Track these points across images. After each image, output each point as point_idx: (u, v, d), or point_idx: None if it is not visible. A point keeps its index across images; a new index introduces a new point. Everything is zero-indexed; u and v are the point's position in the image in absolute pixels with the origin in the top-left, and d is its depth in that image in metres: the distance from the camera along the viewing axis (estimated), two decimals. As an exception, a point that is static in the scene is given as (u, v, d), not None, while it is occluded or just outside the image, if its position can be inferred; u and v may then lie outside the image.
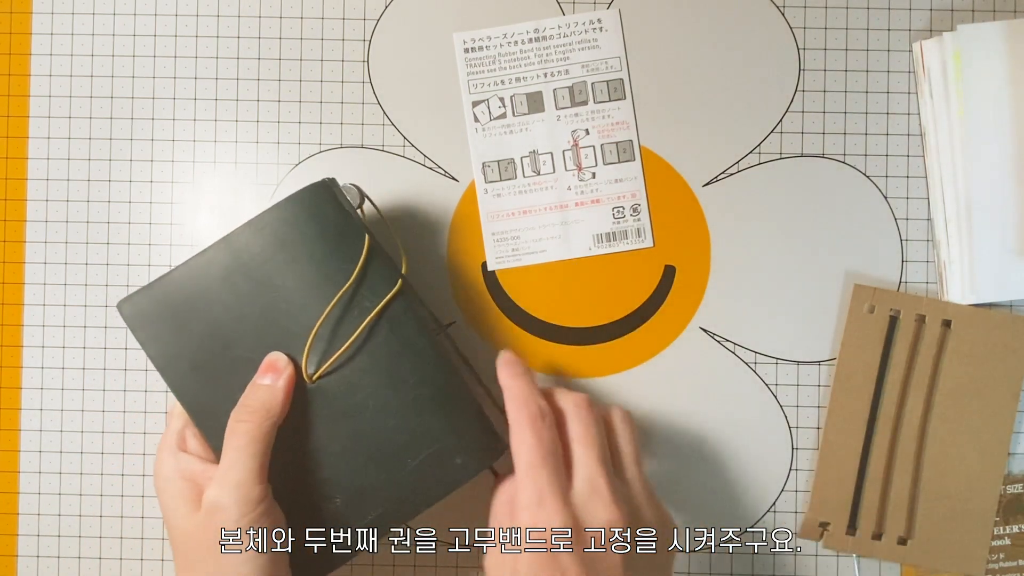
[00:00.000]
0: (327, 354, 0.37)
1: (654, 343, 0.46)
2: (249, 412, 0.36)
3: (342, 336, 0.37)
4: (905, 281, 0.46)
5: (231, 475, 0.35)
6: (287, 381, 0.37)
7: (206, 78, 0.46)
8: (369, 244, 0.37)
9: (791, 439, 0.46)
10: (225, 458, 0.36)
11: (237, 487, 0.35)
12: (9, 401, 0.46)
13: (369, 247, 0.37)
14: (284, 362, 0.37)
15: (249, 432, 0.35)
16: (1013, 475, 0.45)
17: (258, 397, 0.36)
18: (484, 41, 0.46)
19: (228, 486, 0.35)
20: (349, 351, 0.37)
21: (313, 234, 0.37)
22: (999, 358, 0.44)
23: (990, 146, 0.43)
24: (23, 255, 0.46)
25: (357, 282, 0.37)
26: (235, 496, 0.35)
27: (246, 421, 0.36)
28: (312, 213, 0.38)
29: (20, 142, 0.46)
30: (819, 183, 0.46)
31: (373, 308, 0.37)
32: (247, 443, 0.35)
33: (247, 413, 0.36)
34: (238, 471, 0.35)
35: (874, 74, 0.46)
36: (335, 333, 0.37)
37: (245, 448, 0.35)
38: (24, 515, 0.46)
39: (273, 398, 0.36)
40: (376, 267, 0.38)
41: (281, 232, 0.37)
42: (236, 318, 0.37)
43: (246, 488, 0.35)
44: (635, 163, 0.46)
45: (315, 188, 0.38)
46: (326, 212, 0.38)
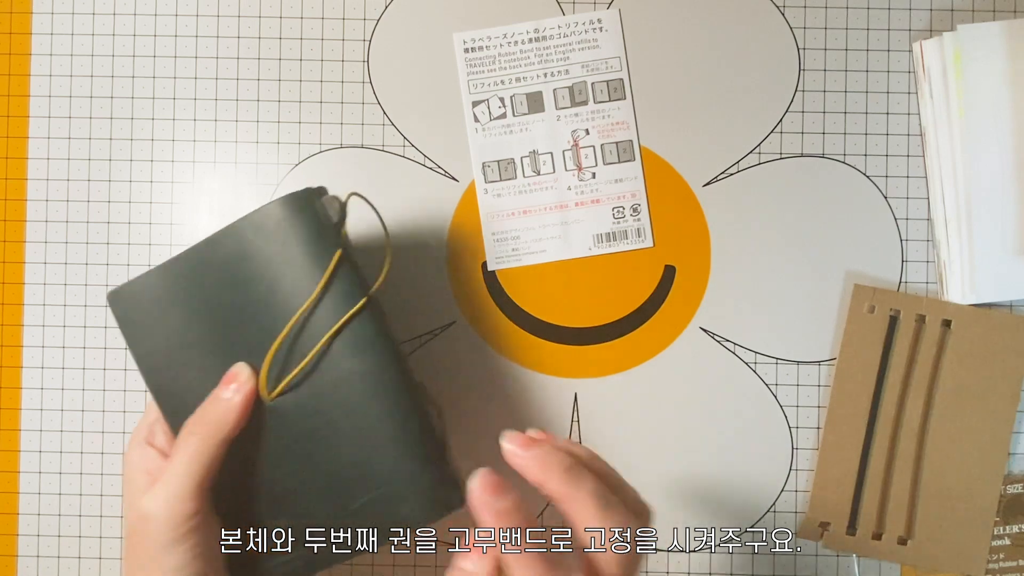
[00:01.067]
0: (285, 371, 0.36)
1: (654, 343, 0.46)
2: (201, 425, 0.35)
3: (301, 353, 0.36)
4: (905, 281, 0.46)
5: (167, 488, 0.35)
6: (244, 397, 0.35)
7: (206, 78, 0.46)
8: (337, 260, 0.36)
9: (791, 439, 0.46)
10: (168, 468, 0.35)
11: (170, 501, 0.34)
12: (9, 401, 0.46)
13: (336, 263, 0.36)
14: (246, 376, 0.36)
15: (195, 446, 0.35)
16: (1013, 475, 0.45)
17: (213, 410, 0.36)
18: (484, 41, 0.46)
19: (161, 498, 0.34)
20: (307, 371, 0.36)
21: (286, 244, 0.36)
22: (999, 358, 0.44)
23: (990, 146, 0.43)
24: (23, 255, 0.46)
25: (322, 299, 0.36)
26: (166, 510, 0.34)
27: (196, 434, 0.35)
28: (288, 222, 0.36)
29: (20, 142, 0.46)
30: (819, 183, 0.46)
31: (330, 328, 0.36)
32: (191, 458, 0.35)
33: (199, 425, 0.35)
34: (175, 485, 0.35)
35: (874, 74, 0.46)
36: (298, 351, 0.36)
37: (188, 463, 0.35)
38: (24, 515, 0.46)
39: (227, 414, 0.35)
40: (343, 284, 0.36)
41: (257, 238, 0.36)
42: (210, 321, 0.36)
43: (179, 504, 0.34)
44: (635, 163, 0.46)
45: (293, 197, 0.36)
46: (301, 223, 0.36)
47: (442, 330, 0.46)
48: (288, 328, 0.35)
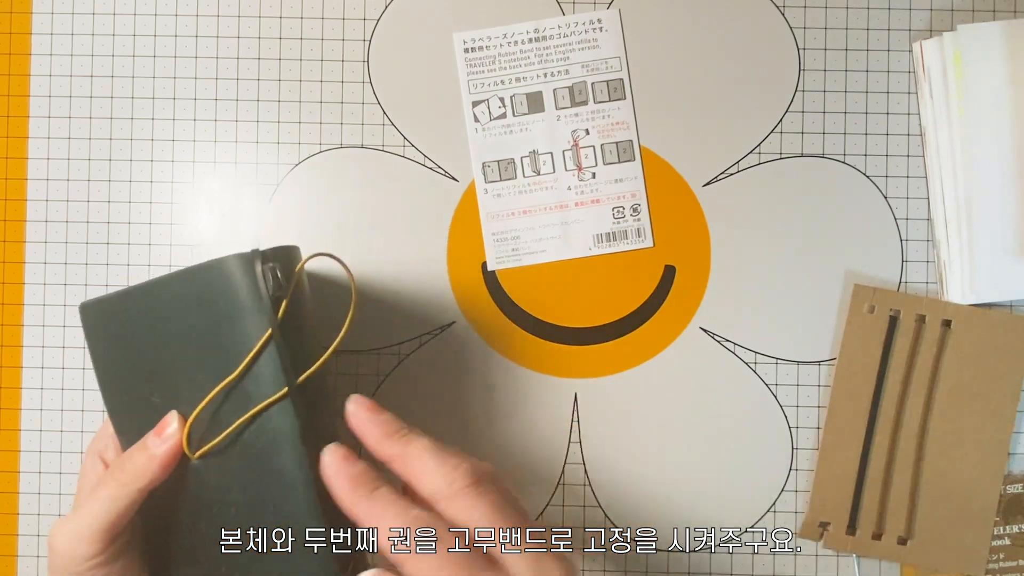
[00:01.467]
0: (207, 434, 0.35)
1: (654, 343, 0.46)
2: (122, 471, 0.35)
3: (223, 422, 0.35)
4: (905, 281, 0.46)
5: (74, 525, 0.34)
6: (166, 453, 0.35)
7: (206, 78, 0.46)
8: (265, 340, 0.34)
9: (791, 439, 0.46)
10: (82, 505, 0.35)
11: (72, 539, 0.34)
12: (9, 401, 0.46)
13: (264, 343, 0.34)
14: (173, 430, 0.35)
15: (112, 491, 0.34)
16: (1013, 475, 0.45)
17: (137, 459, 0.35)
18: (484, 41, 0.46)
19: (66, 533, 0.34)
20: (226, 442, 0.35)
21: (225, 308, 0.35)
22: (999, 358, 0.44)
23: (990, 146, 0.43)
24: (23, 255, 0.46)
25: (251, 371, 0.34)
26: (68, 547, 0.34)
27: (116, 479, 0.35)
28: (230, 283, 0.35)
29: (20, 142, 0.46)
30: (819, 183, 0.46)
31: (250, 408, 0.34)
32: (104, 502, 0.34)
33: (120, 471, 0.35)
34: (82, 525, 0.34)
35: (874, 74, 0.46)
36: (220, 414, 0.35)
37: (100, 505, 0.34)
38: (24, 515, 0.46)
39: (147, 466, 0.35)
40: (269, 367, 0.34)
41: (206, 290, 0.35)
42: (160, 359, 0.36)
43: (80, 545, 0.34)
44: (635, 163, 0.46)
45: (238, 259, 0.35)
46: (240, 288, 0.35)
47: (442, 330, 0.46)
48: (210, 397, 0.34)
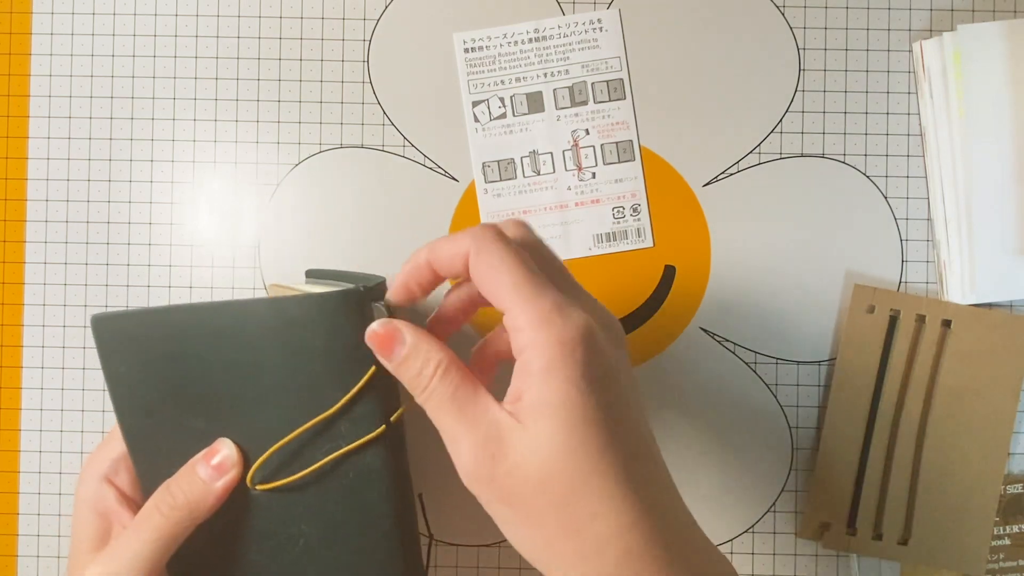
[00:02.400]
0: (280, 467, 0.34)
1: (654, 343, 0.46)
2: (171, 506, 0.33)
3: (303, 456, 0.34)
4: (905, 281, 0.46)
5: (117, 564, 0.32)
6: (226, 485, 0.33)
7: (206, 78, 0.46)
8: (370, 378, 0.33)
9: (791, 439, 0.46)
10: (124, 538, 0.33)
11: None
12: (9, 401, 0.46)
13: (368, 381, 0.33)
14: (232, 461, 0.33)
15: (159, 527, 0.32)
16: (1013, 475, 0.45)
17: (188, 490, 0.33)
18: (484, 41, 0.46)
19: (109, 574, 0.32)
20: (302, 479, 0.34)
21: (322, 344, 0.33)
22: (999, 358, 0.44)
23: (990, 146, 0.43)
24: (23, 255, 0.46)
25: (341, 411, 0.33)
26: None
27: (163, 514, 0.33)
28: (331, 323, 0.33)
29: (20, 142, 0.46)
30: (819, 183, 0.46)
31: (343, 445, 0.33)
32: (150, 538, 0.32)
33: (168, 507, 0.33)
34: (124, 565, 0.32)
35: (874, 74, 0.46)
36: (298, 448, 0.34)
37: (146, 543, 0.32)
38: (24, 515, 0.46)
39: (203, 500, 0.33)
40: (365, 407, 0.34)
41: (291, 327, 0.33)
42: (209, 384, 0.34)
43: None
44: (635, 163, 0.46)
45: (346, 297, 0.33)
46: (344, 326, 0.33)
47: (442, 330, 0.46)
48: (299, 432, 0.33)
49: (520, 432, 0.28)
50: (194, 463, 0.34)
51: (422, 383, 0.30)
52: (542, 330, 0.28)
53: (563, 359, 0.28)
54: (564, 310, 0.28)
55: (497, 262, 0.29)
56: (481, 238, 0.30)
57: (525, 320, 0.28)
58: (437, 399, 0.30)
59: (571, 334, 0.28)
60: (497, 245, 0.29)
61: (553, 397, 0.27)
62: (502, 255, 0.29)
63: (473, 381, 0.30)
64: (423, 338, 0.31)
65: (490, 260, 0.29)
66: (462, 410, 0.29)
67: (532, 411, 0.28)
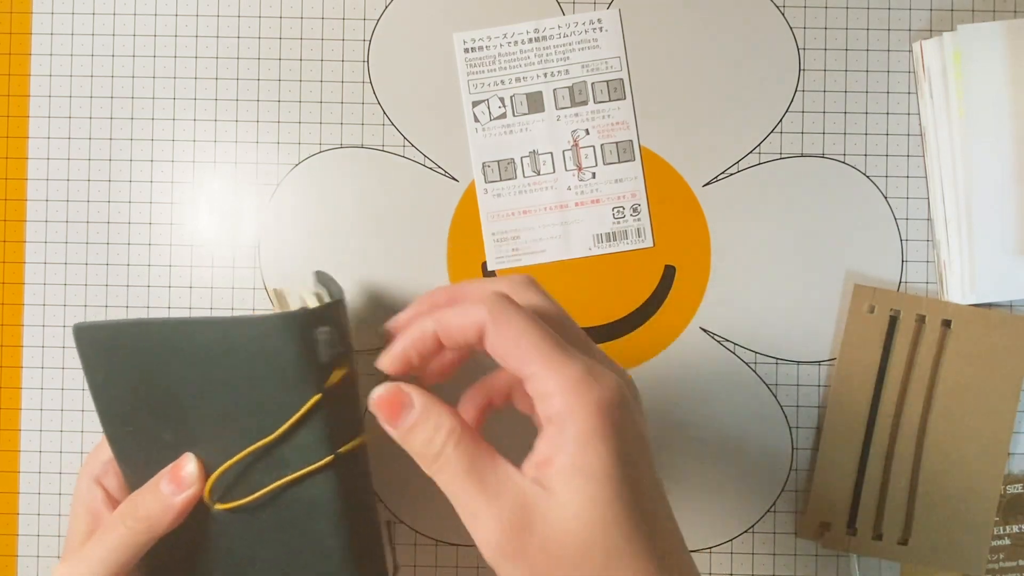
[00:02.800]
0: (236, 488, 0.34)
1: (654, 343, 0.46)
2: (133, 518, 0.33)
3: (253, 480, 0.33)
4: (905, 281, 0.46)
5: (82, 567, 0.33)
6: (185, 501, 0.33)
7: (206, 78, 0.46)
8: (313, 406, 0.32)
9: (791, 439, 0.46)
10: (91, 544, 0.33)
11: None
12: (9, 401, 0.46)
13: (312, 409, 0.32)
14: (193, 477, 0.33)
15: (121, 538, 0.33)
16: (1013, 475, 0.45)
17: (149, 504, 0.33)
18: (484, 41, 0.46)
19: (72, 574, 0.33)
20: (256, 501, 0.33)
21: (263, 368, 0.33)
22: (999, 358, 0.44)
23: (990, 146, 0.43)
24: (23, 255, 0.46)
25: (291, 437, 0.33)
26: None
27: (126, 525, 0.33)
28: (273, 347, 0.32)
29: (20, 142, 0.46)
30: (819, 183, 0.46)
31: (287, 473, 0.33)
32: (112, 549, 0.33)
33: (130, 517, 0.33)
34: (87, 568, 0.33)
35: (874, 74, 0.46)
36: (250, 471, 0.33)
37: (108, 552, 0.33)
38: (24, 515, 0.46)
39: (163, 514, 0.33)
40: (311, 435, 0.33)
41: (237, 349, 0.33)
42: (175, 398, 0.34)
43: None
44: (635, 163, 0.46)
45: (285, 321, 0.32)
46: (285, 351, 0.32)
47: (442, 330, 0.46)
48: (241, 456, 0.33)
49: (550, 500, 0.27)
50: (159, 477, 0.34)
51: (432, 453, 0.29)
52: (577, 395, 0.27)
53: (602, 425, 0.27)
54: (595, 374, 0.28)
55: (518, 334, 0.28)
56: (497, 310, 0.29)
57: (556, 386, 0.27)
58: (452, 471, 0.28)
59: (607, 399, 0.27)
60: (515, 316, 0.29)
61: (592, 465, 0.27)
62: (523, 327, 0.28)
63: (488, 448, 0.29)
64: (433, 402, 0.29)
65: (509, 332, 0.28)
66: (482, 481, 0.27)
67: (566, 478, 0.27)
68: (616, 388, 0.28)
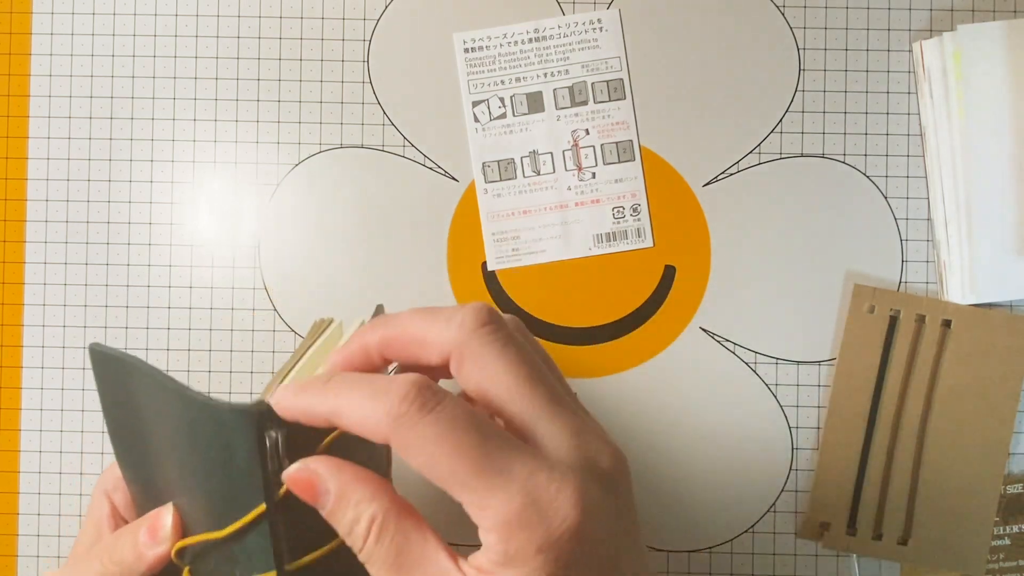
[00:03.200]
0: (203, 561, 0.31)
1: (654, 343, 0.46)
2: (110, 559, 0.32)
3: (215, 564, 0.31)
4: (905, 281, 0.46)
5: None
6: (157, 558, 0.31)
7: (206, 78, 0.46)
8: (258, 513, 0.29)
9: (791, 439, 0.46)
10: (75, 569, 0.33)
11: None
12: (9, 401, 0.46)
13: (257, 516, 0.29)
14: (166, 533, 0.31)
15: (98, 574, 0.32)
16: (1013, 475, 0.45)
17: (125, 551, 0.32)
18: (484, 41, 0.46)
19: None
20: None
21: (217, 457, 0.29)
22: (999, 358, 0.44)
23: (990, 146, 0.43)
24: (23, 255, 0.46)
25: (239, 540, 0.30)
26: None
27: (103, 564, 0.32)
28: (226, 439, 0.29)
29: (20, 142, 0.46)
30: (819, 183, 0.46)
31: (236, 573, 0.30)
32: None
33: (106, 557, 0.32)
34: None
35: (874, 74, 0.46)
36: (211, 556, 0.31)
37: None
38: (24, 515, 0.46)
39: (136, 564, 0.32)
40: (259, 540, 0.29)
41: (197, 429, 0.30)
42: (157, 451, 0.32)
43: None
44: (635, 163, 0.46)
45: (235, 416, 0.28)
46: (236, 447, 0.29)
47: (442, 330, 0.46)
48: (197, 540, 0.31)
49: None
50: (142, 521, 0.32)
51: (356, 543, 0.26)
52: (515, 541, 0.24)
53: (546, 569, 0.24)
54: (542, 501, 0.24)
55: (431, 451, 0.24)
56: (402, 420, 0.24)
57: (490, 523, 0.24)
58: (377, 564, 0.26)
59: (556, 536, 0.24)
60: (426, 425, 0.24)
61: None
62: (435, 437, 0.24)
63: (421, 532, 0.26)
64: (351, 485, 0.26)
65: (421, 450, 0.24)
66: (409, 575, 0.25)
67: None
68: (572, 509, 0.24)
